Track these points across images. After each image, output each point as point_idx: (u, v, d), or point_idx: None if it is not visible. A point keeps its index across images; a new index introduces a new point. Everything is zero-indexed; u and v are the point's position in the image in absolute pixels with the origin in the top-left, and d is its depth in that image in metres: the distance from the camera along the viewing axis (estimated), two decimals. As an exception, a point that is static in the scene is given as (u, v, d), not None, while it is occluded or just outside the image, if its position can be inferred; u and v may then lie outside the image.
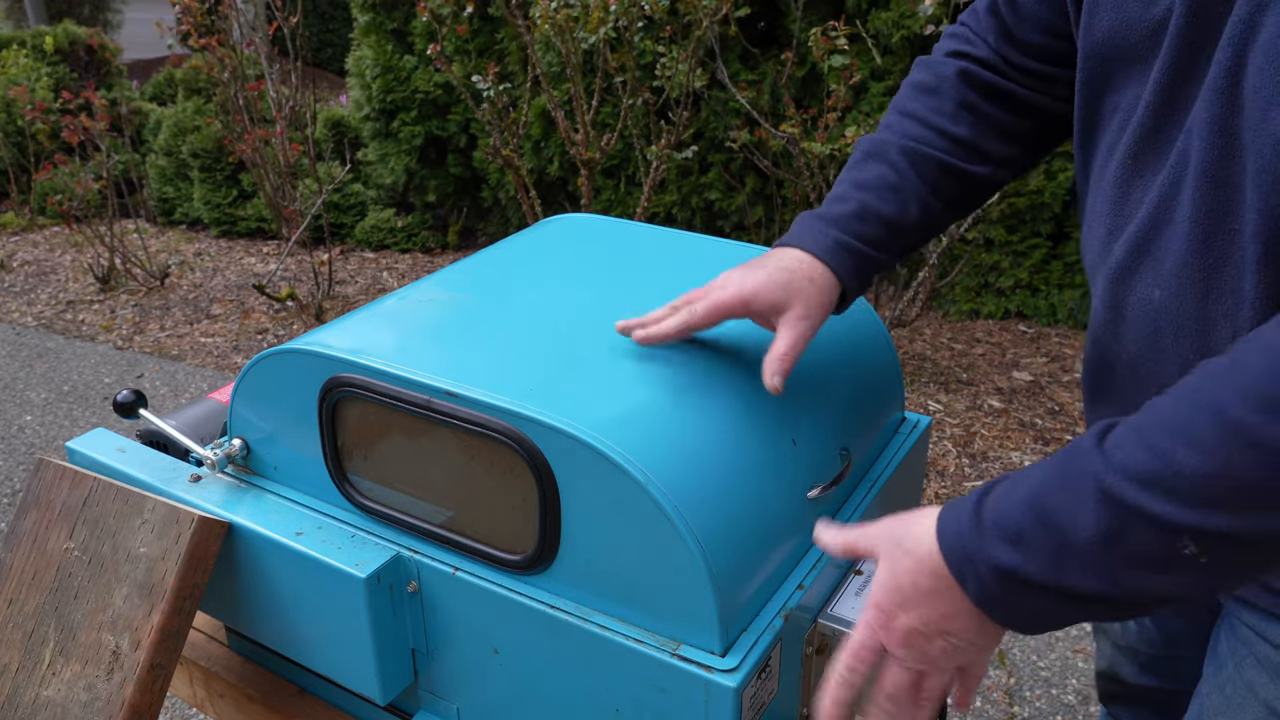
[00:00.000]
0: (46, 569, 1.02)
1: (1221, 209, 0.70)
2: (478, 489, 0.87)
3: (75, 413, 3.45)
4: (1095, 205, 0.84)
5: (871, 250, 0.91)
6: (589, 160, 3.44)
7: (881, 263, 0.93)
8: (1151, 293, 0.76)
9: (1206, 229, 0.71)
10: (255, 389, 0.99)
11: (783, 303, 0.87)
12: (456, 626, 0.91)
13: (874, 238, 0.92)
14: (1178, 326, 0.75)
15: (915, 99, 0.97)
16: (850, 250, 0.90)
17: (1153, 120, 0.76)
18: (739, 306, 0.87)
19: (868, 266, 0.92)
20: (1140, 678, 1.14)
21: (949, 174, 0.95)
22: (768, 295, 0.86)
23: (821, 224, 0.92)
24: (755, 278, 0.87)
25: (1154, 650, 1.11)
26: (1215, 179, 0.69)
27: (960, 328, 3.81)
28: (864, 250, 0.91)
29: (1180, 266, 0.73)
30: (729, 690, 0.76)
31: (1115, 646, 1.17)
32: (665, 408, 0.85)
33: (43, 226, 5.60)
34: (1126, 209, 0.79)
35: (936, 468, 2.90)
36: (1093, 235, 0.84)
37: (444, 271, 1.13)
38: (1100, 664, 1.22)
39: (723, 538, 0.79)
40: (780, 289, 0.87)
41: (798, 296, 0.87)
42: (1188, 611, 1.04)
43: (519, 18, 3.38)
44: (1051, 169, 3.55)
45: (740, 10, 3.20)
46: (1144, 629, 1.10)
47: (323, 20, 9.00)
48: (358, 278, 4.65)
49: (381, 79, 4.73)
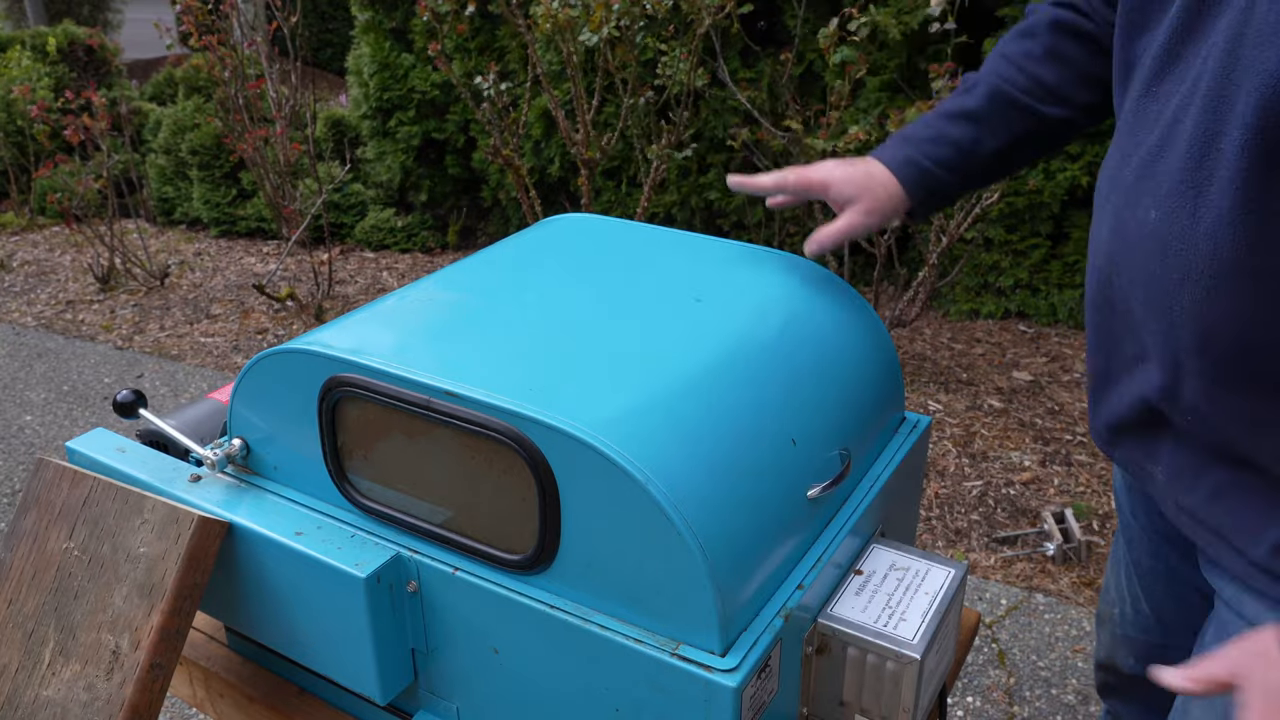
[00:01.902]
0: (46, 569, 1.02)
1: (1216, 127, 0.73)
2: (478, 489, 0.87)
3: (75, 413, 3.45)
4: (1116, 140, 0.88)
5: (941, 170, 1.05)
6: (589, 160, 3.44)
7: (950, 184, 1.06)
8: (1148, 214, 0.79)
9: (1201, 148, 0.74)
10: (255, 389, 0.99)
11: (855, 196, 1.05)
12: (456, 626, 0.91)
13: (945, 159, 1.05)
14: (1166, 247, 0.78)
15: (1013, 41, 1.08)
16: (919, 166, 1.05)
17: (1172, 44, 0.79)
18: (821, 186, 1.06)
19: (935, 184, 1.06)
20: (1136, 668, 1.17)
21: (1028, 114, 1.04)
22: (846, 187, 1.05)
23: (902, 142, 1.07)
24: (843, 171, 1.06)
25: (1150, 639, 1.13)
26: (1216, 97, 0.73)
27: (960, 328, 3.81)
28: (933, 170, 1.05)
29: (1174, 185, 0.77)
30: (729, 690, 0.76)
31: (1114, 636, 1.19)
32: (665, 407, 0.85)
33: (43, 226, 5.60)
34: (1139, 134, 0.83)
35: (936, 468, 2.90)
36: (1108, 168, 0.88)
37: (444, 271, 1.13)
38: (1100, 654, 1.24)
39: (723, 538, 0.79)
40: (857, 185, 1.05)
41: (867, 194, 1.05)
42: (1181, 598, 1.06)
43: (519, 17, 3.38)
44: (1050, 169, 3.55)
45: (743, 7, 3.20)
46: (1141, 616, 1.13)
47: (322, 20, 9.00)
48: (358, 278, 4.65)
49: (379, 76, 4.72)
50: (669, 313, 1.00)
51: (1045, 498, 2.73)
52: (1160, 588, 1.09)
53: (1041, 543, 2.53)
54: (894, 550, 1.01)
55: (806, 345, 1.01)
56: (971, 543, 2.57)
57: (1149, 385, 0.86)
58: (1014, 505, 2.71)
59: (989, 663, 2.16)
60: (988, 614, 2.30)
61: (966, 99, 1.06)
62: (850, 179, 1.05)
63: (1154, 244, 0.79)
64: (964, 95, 1.07)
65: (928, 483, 2.82)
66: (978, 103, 1.05)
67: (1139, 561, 1.11)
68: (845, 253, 3.59)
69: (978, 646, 2.21)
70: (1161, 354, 0.83)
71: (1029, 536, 2.57)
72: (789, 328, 1.01)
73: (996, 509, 2.69)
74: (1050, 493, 2.75)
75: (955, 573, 0.97)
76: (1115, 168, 0.87)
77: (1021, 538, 2.57)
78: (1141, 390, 0.87)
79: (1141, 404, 0.88)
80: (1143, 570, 1.11)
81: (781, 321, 1.02)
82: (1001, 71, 1.06)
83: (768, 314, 1.02)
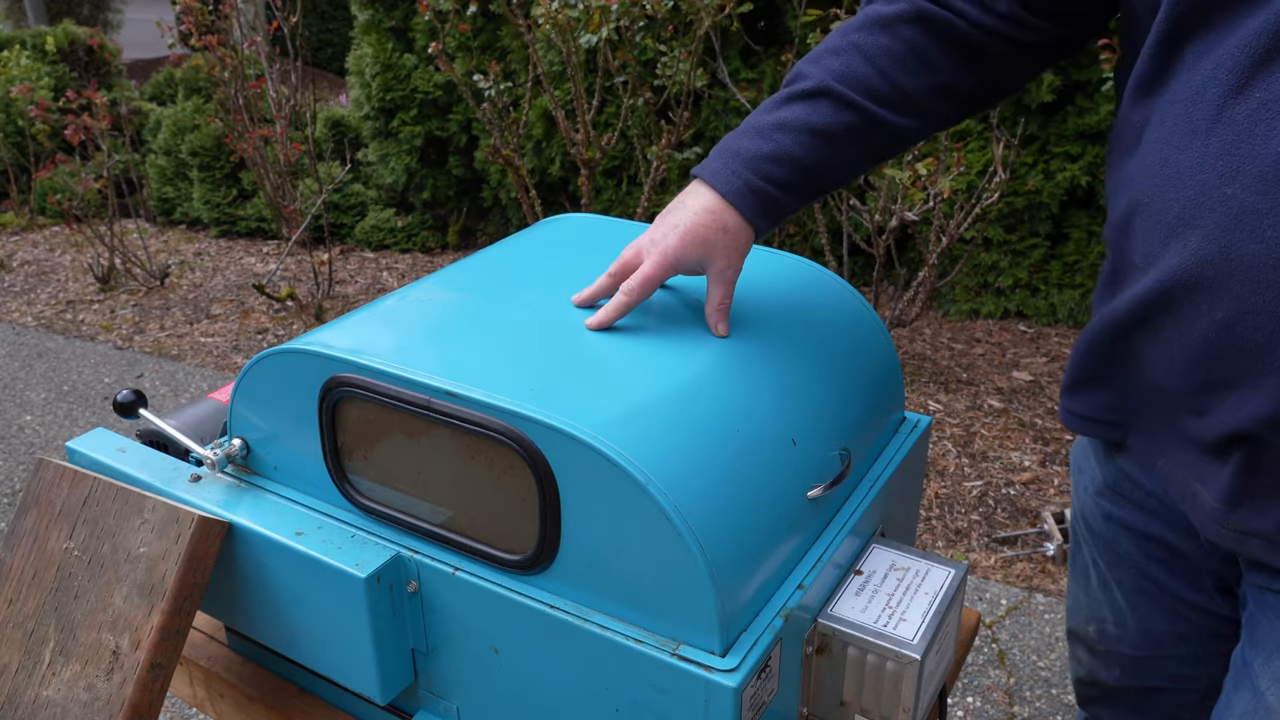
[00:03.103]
0: (46, 569, 1.02)
1: None
2: (478, 489, 0.87)
3: (75, 413, 3.45)
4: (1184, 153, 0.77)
5: (780, 193, 0.94)
6: (590, 160, 3.44)
7: (789, 205, 0.96)
8: None
9: None
10: (255, 389, 0.99)
11: (705, 260, 0.94)
12: (456, 626, 0.91)
13: (786, 181, 0.93)
14: None
15: (869, 31, 0.94)
16: (759, 193, 0.93)
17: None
18: (670, 273, 0.95)
19: (776, 209, 0.95)
20: (1121, 679, 1.15)
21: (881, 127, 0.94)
22: (690, 257, 0.94)
23: (737, 162, 0.94)
24: (673, 242, 0.94)
25: (1136, 652, 1.11)
26: None
27: (960, 328, 3.81)
28: (773, 193, 0.94)
29: None
30: (729, 690, 0.76)
31: (1094, 653, 1.17)
32: (665, 408, 0.85)
33: (43, 226, 5.60)
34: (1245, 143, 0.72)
35: (936, 468, 2.90)
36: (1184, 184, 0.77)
37: (444, 271, 1.13)
38: (1079, 672, 1.22)
39: (723, 538, 0.79)
40: (700, 248, 0.94)
41: (716, 251, 0.94)
42: (1171, 610, 1.05)
43: (519, 17, 3.38)
44: (1050, 169, 3.55)
45: (743, 7, 3.20)
46: (1128, 631, 1.11)
47: (322, 20, 9.00)
48: (358, 278, 4.65)
49: (381, 77, 4.72)
50: (669, 313, 1.00)
51: (1045, 498, 2.73)
52: (1147, 604, 1.07)
53: (1041, 543, 2.54)
54: (894, 550, 1.01)
55: (806, 345, 1.01)
56: (971, 543, 2.57)
57: (1243, 413, 0.79)
58: (1014, 505, 2.71)
59: (989, 663, 2.16)
60: (988, 614, 2.30)
61: (813, 112, 0.92)
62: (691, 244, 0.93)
63: None
64: (809, 104, 0.93)
65: (928, 483, 2.82)
66: (825, 117, 0.92)
67: (1122, 581, 1.08)
68: (845, 253, 3.59)
69: (978, 646, 2.21)
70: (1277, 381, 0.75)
71: (1029, 536, 2.57)
72: (789, 328, 1.01)
73: (996, 509, 2.70)
74: (1050, 493, 2.75)
75: (955, 573, 0.97)
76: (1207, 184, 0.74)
77: (1021, 538, 2.57)
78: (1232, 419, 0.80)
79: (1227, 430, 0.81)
80: (1126, 588, 1.08)
81: (782, 322, 1.02)
82: (857, 73, 0.92)
83: (768, 314, 1.02)
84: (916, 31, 0.93)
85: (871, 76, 0.92)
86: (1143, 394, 0.92)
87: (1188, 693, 1.09)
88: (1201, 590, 1.02)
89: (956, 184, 3.32)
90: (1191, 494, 0.90)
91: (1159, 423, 0.92)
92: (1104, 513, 1.07)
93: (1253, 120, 0.71)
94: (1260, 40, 0.70)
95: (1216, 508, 0.86)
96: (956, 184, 3.32)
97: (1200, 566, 1.00)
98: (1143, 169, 0.82)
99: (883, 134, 0.94)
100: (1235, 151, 0.73)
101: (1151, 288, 0.81)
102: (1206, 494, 0.87)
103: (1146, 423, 0.94)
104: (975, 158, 3.62)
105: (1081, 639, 1.18)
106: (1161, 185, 0.79)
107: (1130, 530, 1.04)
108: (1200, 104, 0.75)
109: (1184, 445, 0.89)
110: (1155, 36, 0.80)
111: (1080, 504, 1.13)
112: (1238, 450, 0.82)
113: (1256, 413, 0.77)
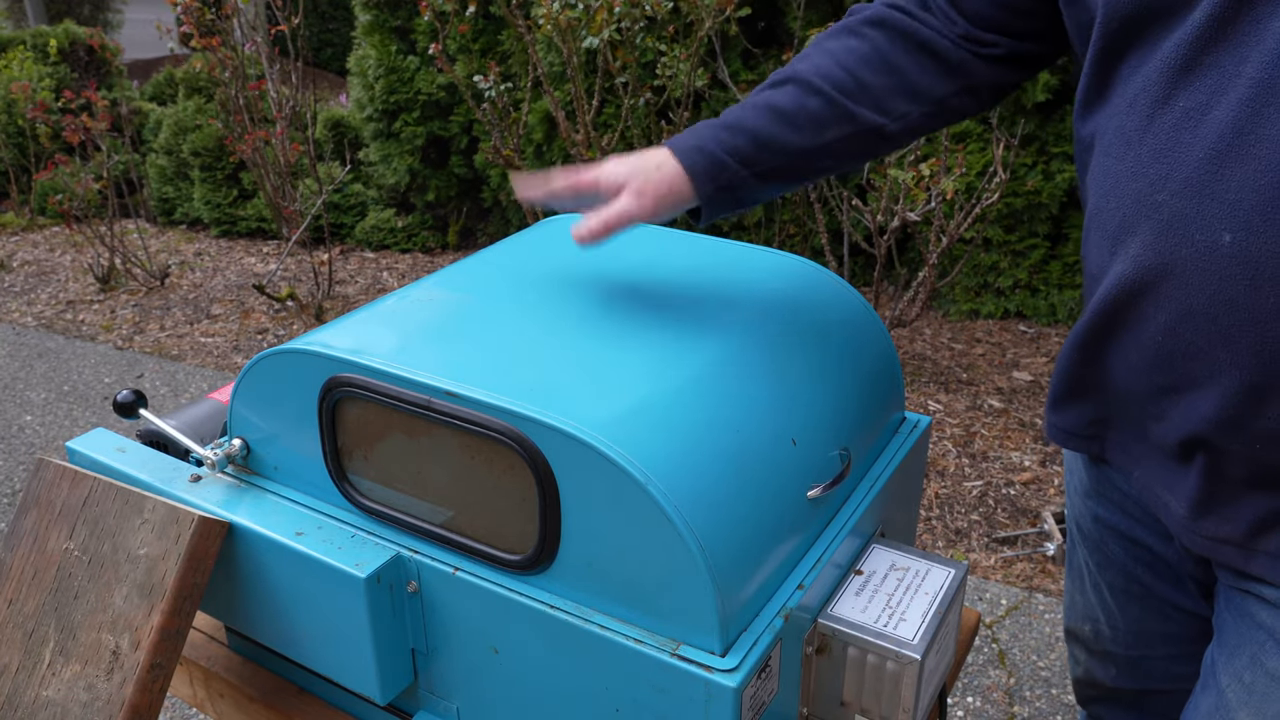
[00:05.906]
0: (46, 569, 1.02)
1: None
2: (478, 489, 0.88)
3: (75, 413, 3.45)
4: (1117, 157, 0.80)
5: (733, 161, 0.94)
6: (590, 161, 3.45)
7: (744, 179, 0.96)
8: (1220, 237, 0.71)
9: None
10: (255, 389, 0.99)
11: (625, 177, 0.94)
12: (456, 626, 0.91)
13: (738, 149, 0.94)
14: (1256, 271, 0.70)
15: (835, 37, 0.99)
16: (706, 153, 0.94)
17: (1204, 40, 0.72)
18: (590, 184, 0.96)
19: (726, 177, 0.95)
20: (1118, 680, 1.16)
21: (840, 113, 0.95)
22: (615, 174, 0.95)
23: (693, 130, 0.97)
24: (615, 161, 0.96)
25: (1129, 652, 1.12)
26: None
27: (960, 328, 3.81)
28: (721, 157, 0.94)
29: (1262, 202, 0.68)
30: (729, 690, 0.76)
31: (1091, 653, 1.18)
32: (665, 408, 0.85)
33: (43, 226, 5.60)
34: (1173, 151, 0.74)
35: (936, 468, 2.90)
36: (1122, 192, 0.79)
37: (444, 271, 1.13)
38: (1077, 672, 1.23)
39: (723, 538, 0.79)
40: (628, 167, 0.95)
41: (639, 174, 0.94)
42: (1159, 612, 1.06)
43: (519, 18, 3.38)
44: (1050, 169, 3.55)
45: (741, 10, 3.21)
46: (1119, 632, 1.12)
47: (323, 20, 9.00)
48: (358, 278, 4.65)
49: (385, 79, 4.72)
50: (669, 313, 1.00)
51: (1045, 498, 2.73)
52: (1136, 606, 1.08)
53: (1041, 543, 2.54)
54: (894, 550, 1.01)
55: (806, 345, 1.01)
56: (971, 543, 2.57)
57: (1195, 417, 0.80)
58: (1014, 505, 2.71)
59: (989, 663, 2.16)
60: (988, 614, 2.30)
61: (775, 93, 0.96)
62: (620, 163, 0.95)
63: (1237, 269, 0.71)
64: (771, 89, 0.97)
65: (928, 483, 2.82)
66: (786, 96, 0.95)
67: (1112, 583, 1.09)
68: (845, 253, 3.59)
69: (978, 646, 2.21)
70: (1228, 383, 0.76)
71: (1029, 536, 2.57)
72: (789, 328, 1.01)
73: (996, 509, 2.69)
74: (1050, 493, 2.75)
75: (955, 573, 0.97)
76: (1142, 193, 0.77)
77: (1021, 538, 2.57)
78: (1186, 423, 0.81)
79: (1183, 434, 0.83)
80: (1116, 590, 1.09)
81: (781, 321, 1.02)
82: (822, 67, 0.95)
83: (768, 314, 1.02)
84: (881, 35, 0.96)
85: (835, 70, 0.95)
86: (1116, 404, 0.93)
87: (1184, 693, 1.10)
88: (1185, 593, 1.02)
89: (957, 184, 3.32)
90: (1164, 503, 0.91)
91: (1130, 433, 0.93)
92: (1092, 515, 1.08)
93: (1177, 129, 0.74)
94: (1179, 52, 0.74)
95: (1184, 516, 0.88)
96: (957, 184, 3.32)
97: (1180, 570, 1.01)
98: (1093, 181, 0.85)
99: (848, 124, 0.95)
100: (1163, 160, 0.75)
101: (1105, 296, 0.83)
102: (1175, 502, 0.89)
103: (1120, 434, 0.96)
104: (975, 158, 3.62)
105: (1079, 638, 1.19)
106: (1106, 196, 0.82)
107: (1116, 533, 1.05)
108: (1132, 115, 0.78)
109: (1152, 453, 0.90)
110: (1092, 54, 0.83)
111: (1072, 505, 1.14)
112: (1199, 456, 0.83)
113: (1206, 415, 0.79)
